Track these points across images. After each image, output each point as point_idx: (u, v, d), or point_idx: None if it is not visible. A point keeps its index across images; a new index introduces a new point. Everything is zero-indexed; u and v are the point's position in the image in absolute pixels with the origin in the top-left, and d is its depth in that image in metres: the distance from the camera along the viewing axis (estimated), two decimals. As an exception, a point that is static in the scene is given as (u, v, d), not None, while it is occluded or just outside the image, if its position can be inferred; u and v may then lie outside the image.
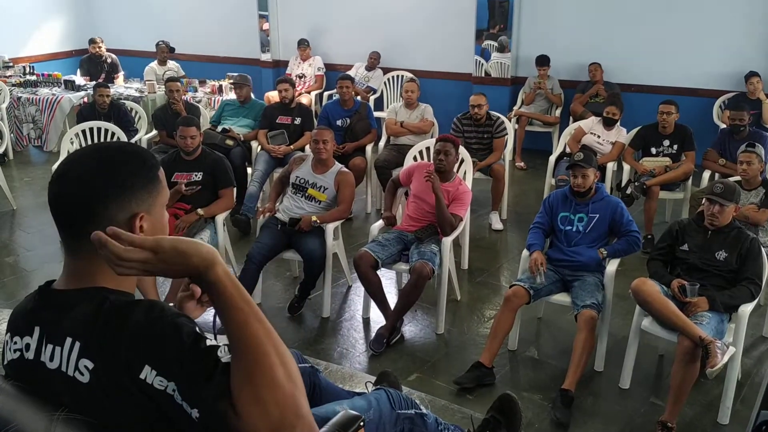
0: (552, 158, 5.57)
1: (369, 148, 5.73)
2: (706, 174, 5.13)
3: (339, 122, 5.67)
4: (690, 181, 5.12)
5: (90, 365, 1.13)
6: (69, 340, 1.16)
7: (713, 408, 3.09)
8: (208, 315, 1.50)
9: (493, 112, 5.51)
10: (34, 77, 7.84)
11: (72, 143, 5.30)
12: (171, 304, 1.31)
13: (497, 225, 5.41)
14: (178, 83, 5.95)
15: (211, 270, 1.06)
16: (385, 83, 8.02)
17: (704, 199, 3.27)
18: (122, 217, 1.21)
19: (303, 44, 8.16)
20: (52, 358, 1.18)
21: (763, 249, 3.21)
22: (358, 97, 6.57)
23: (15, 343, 1.25)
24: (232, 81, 6.27)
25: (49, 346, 1.18)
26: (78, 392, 1.15)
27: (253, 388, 1.02)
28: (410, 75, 7.57)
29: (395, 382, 2.64)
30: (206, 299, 1.49)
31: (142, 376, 1.08)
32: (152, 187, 1.26)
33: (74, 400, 1.16)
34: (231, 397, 1.03)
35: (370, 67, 8.04)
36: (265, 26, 8.80)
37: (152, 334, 1.10)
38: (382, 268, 3.76)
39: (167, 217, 1.33)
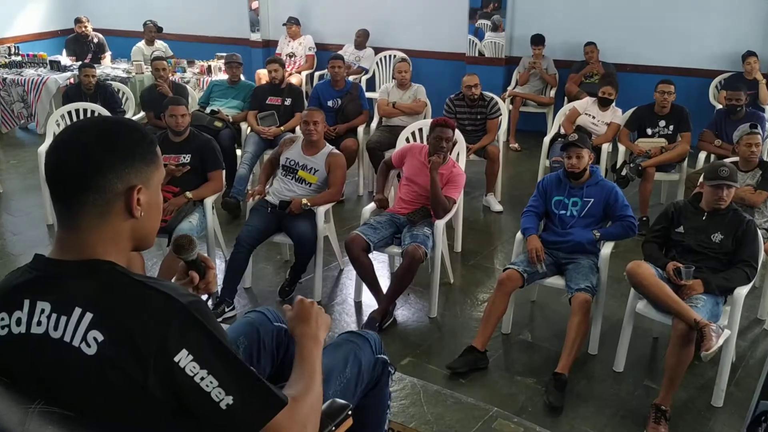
0: (546, 139, 5.51)
1: (361, 129, 5.65)
2: (702, 155, 5.08)
3: (330, 103, 5.58)
4: (686, 162, 5.08)
5: (100, 337, 1.13)
6: (78, 310, 1.15)
7: (707, 390, 3.07)
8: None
9: (486, 93, 5.42)
10: (19, 58, 7.68)
11: (58, 125, 5.19)
12: None
13: (496, 207, 5.34)
14: (165, 62, 5.84)
15: (322, 335, 1.53)
16: (376, 63, 7.91)
17: (705, 184, 3.22)
18: (121, 188, 1.22)
19: (290, 22, 7.95)
20: (56, 328, 1.16)
21: (759, 231, 3.18)
22: (350, 78, 6.47)
23: (2, 319, 1.21)
24: (225, 61, 6.09)
25: (54, 316, 1.16)
26: (77, 363, 1.14)
27: (297, 399, 1.28)
28: (402, 55, 7.46)
29: None
30: (202, 286, 1.57)
31: (176, 359, 1.12)
32: (150, 160, 1.27)
33: (69, 371, 1.15)
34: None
35: (359, 46, 7.90)
36: (255, 5, 8.64)
37: (198, 326, 1.16)
38: (374, 252, 3.71)
39: (162, 196, 1.35)
